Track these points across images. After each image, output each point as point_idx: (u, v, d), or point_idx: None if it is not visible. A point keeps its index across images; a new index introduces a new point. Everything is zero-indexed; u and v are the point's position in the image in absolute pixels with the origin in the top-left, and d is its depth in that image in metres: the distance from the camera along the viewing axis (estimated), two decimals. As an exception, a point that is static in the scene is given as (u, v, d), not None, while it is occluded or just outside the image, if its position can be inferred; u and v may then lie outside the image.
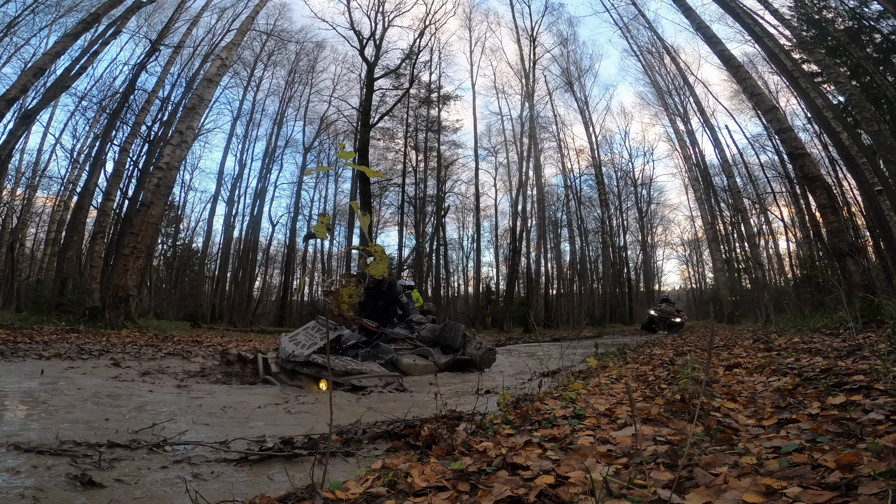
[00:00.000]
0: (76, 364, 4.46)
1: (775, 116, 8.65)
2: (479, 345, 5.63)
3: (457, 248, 28.15)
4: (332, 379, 4.00)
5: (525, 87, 22.88)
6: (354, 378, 4.09)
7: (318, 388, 4.00)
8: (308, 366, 4.16)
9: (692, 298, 30.16)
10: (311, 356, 4.15)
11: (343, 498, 1.24)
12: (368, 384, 4.09)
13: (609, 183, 26.43)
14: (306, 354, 4.16)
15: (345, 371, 4.15)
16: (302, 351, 4.23)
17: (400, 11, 18.74)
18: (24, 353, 4.73)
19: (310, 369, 4.14)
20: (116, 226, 14.71)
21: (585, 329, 18.78)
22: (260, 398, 3.43)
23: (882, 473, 1.01)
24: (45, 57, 9.65)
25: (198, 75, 16.49)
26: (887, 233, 9.13)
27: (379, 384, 4.11)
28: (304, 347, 4.31)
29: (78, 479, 1.49)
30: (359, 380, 4.07)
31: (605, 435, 1.66)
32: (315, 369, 4.12)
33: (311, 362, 4.14)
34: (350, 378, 4.08)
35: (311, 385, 4.06)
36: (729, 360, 3.54)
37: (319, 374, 4.09)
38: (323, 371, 4.09)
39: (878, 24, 11.14)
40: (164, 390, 3.61)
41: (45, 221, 18.93)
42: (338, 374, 4.10)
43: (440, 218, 23.87)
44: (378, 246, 1.19)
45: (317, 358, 4.13)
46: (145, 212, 9.86)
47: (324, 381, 4.03)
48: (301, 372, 4.15)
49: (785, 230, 21.25)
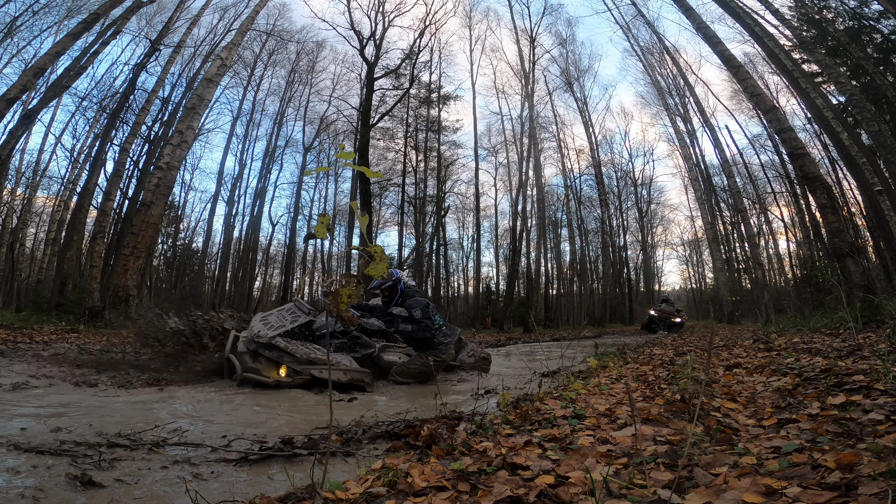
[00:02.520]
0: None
1: (775, 116, 8.65)
2: (471, 352, 5.29)
3: (457, 248, 28.16)
4: (292, 367, 3.75)
5: (525, 87, 22.90)
6: (316, 368, 3.78)
7: (278, 374, 3.75)
8: (270, 349, 3.85)
9: (692, 298, 30.15)
10: (275, 338, 3.86)
11: (343, 498, 1.24)
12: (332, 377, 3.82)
13: (609, 183, 26.43)
14: (270, 336, 3.87)
15: (308, 360, 3.82)
16: (267, 332, 3.93)
17: (400, 11, 18.74)
18: (24, 352, 4.73)
19: (271, 352, 3.83)
20: (116, 226, 14.70)
21: (585, 329, 18.77)
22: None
23: (882, 473, 1.01)
24: (46, 57, 9.66)
25: (198, 75, 16.49)
26: (887, 233, 9.12)
27: (343, 378, 3.80)
28: (272, 329, 4.00)
29: (78, 479, 1.49)
30: (320, 370, 3.78)
31: (605, 435, 1.66)
32: (276, 353, 3.82)
33: (274, 345, 3.84)
34: (311, 368, 3.78)
35: (270, 370, 3.78)
36: (729, 360, 3.54)
37: (281, 358, 3.80)
38: (284, 356, 3.81)
39: (878, 24, 11.14)
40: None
41: (45, 221, 18.93)
42: (300, 362, 3.79)
43: (440, 218, 23.87)
44: (378, 246, 1.19)
45: (279, 341, 3.84)
46: (145, 212, 9.87)
47: (284, 367, 3.77)
48: (262, 354, 3.85)
49: (785, 230, 21.26)
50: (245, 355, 3.89)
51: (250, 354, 3.88)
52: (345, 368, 3.86)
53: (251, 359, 3.84)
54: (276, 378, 3.71)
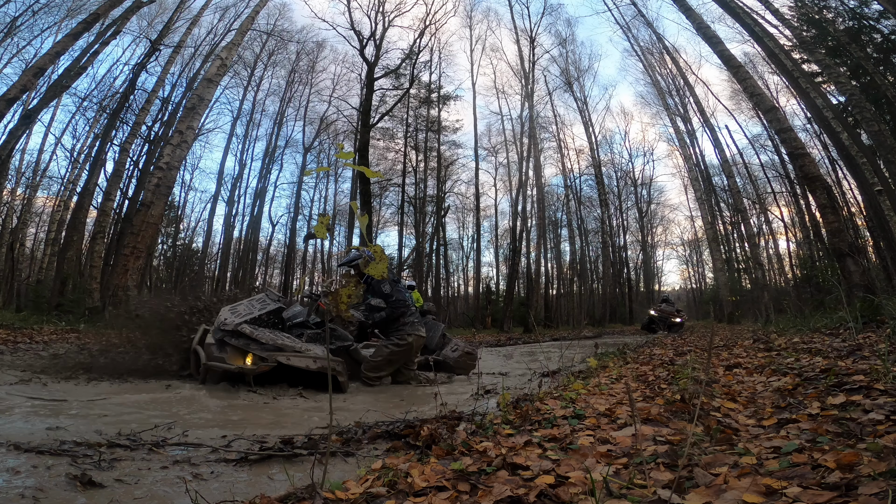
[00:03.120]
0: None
1: (775, 116, 8.65)
2: (455, 347, 5.12)
3: (457, 248, 28.15)
4: (258, 354, 3.58)
5: (525, 87, 22.89)
6: (283, 355, 3.58)
7: (245, 363, 3.57)
8: (236, 336, 3.66)
9: (692, 298, 30.16)
10: (241, 325, 3.68)
11: (343, 498, 1.24)
12: (298, 364, 3.60)
13: (609, 183, 26.41)
14: (236, 323, 3.69)
15: (276, 346, 3.64)
16: (234, 319, 3.76)
17: (400, 11, 18.74)
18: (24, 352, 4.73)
19: (237, 340, 3.64)
20: (116, 226, 14.70)
21: (585, 329, 18.76)
22: None
23: (882, 473, 1.01)
24: (46, 57, 9.66)
25: (198, 75, 16.49)
26: (887, 233, 9.13)
27: (312, 366, 3.61)
28: (239, 317, 3.83)
29: (78, 479, 1.49)
30: (287, 358, 3.58)
31: (605, 435, 1.66)
32: (243, 341, 3.63)
33: (240, 332, 3.66)
34: (278, 355, 3.58)
35: (235, 359, 3.60)
36: (729, 360, 3.54)
37: (247, 346, 3.61)
38: (251, 344, 3.62)
39: (878, 24, 11.14)
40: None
41: (45, 221, 18.92)
42: (267, 349, 3.61)
43: (440, 218, 23.87)
44: (377, 246, 1.19)
45: (245, 328, 3.67)
46: (145, 212, 9.87)
47: (250, 356, 3.58)
48: (229, 343, 3.66)
49: (785, 230, 21.26)
50: (212, 346, 3.70)
51: (217, 345, 3.70)
52: (314, 356, 3.67)
53: (218, 349, 3.66)
54: (240, 366, 3.53)
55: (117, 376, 3.70)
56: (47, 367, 3.90)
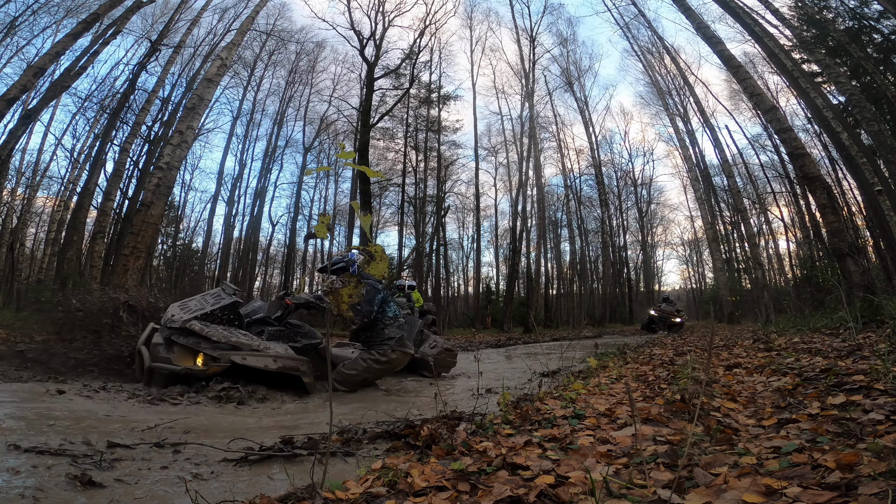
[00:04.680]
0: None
1: (775, 116, 8.65)
2: (434, 343, 4.79)
3: (457, 248, 28.15)
4: (209, 353, 3.25)
5: (525, 87, 22.90)
6: (238, 355, 3.26)
7: (195, 363, 3.26)
8: (184, 334, 3.31)
9: (692, 298, 30.15)
10: (190, 322, 3.32)
11: (343, 498, 1.24)
12: (256, 365, 3.28)
13: (609, 183, 26.40)
14: (185, 319, 3.34)
15: (230, 345, 3.30)
16: (182, 315, 3.41)
17: (400, 11, 18.74)
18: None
19: (186, 339, 3.29)
20: (116, 226, 14.70)
21: (585, 329, 18.76)
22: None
23: (882, 473, 1.01)
24: (46, 57, 9.65)
25: (198, 75, 16.49)
26: (887, 233, 9.13)
27: (272, 366, 3.30)
28: (189, 312, 3.47)
29: (78, 479, 1.49)
30: (243, 357, 3.27)
31: (605, 435, 1.66)
32: (193, 339, 3.29)
33: (189, 330, 3.30)
34: (231, 354, 3.26)
35: (184, 359, 3.27)
36: (729, 360, 3.54)
37: (197, 345, 3.27)
38: (202, 342, 3.27)
39: (879, 24, 11.13)
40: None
41: (45, 221, 18.92)
42: (220, 348, 3.28)
43: (440, 218, 23.86)
44: (378, 245, 1.19)
45: (195, 324, 3.31)
46: (145, 212, 9.86)
47: (201, 356, 3.27)
48: (177, 342, 3.30)
49: (785, 230, 21.26)
50: (159, 346, 3.37)
51: (165, 344, 3.37)
52: (275, 355, 3.35)
53: (165, 349, 3.34)
54: (188, 368, 3.24)
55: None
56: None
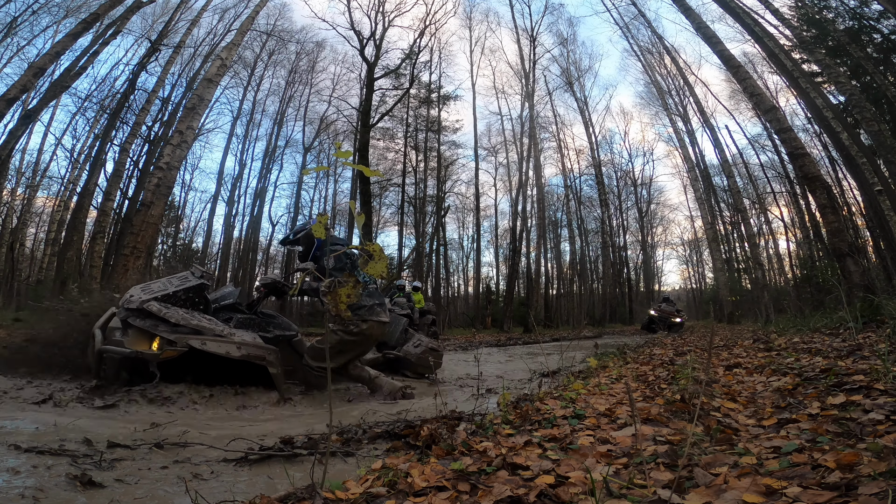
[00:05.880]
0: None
1: (775, 116, 8.65)
2: (418, 342, 4.57)
3: (457, 248, 28.15)
4: (165, 336, 3.00)
5: (525, 87, 22.91)
6: (197, 339, 3.01)
7: (151, 348, 3.01)
8: (141, 315, 3.04)
9: (692, 298, 30.15)
10: (148, 302, 3.06)
11: (343, 498, 1.24)
12: (217, 351, 3.04)
13: (609, 183, 26.42)
14: (143, 300, 3.07)
15: (190, 328, 3.06)
16: (141, 296, 3.13)
17: (400, 11, 18.75)
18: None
19: (143, 321, 3.03)
20: (116, 226, 14.70)
21: (585, 329, 18.77)
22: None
23: (882, 473, 1.01)
24: (46, 57, 9.65)
25: (198, 75, 16.49)
26: (887, 233, 9.12)
27: (234, 354, 3.05)
28: (150, 293, 3.19)
29: (78, 479, 1.49)
30: (202, 342, 3.02)
31: (605, 435, 1.66)
32: (150, 321, 3.03)
33: (146, 311, 3.03)
34: (189, 338, 3.00)
35: (140, 343, 3.01)
36: (729, 360, 3.54)
37: (154, 328, 3.01)
38: (159, 325, 3.01)
39: (878, 24, 11.13)
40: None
41: (45, 221, 18.93)
42: (178, 331, 3.04)
43: (440, 218, 23.85)
44: (376, 244, 1.19)
45: (153, 305, 3.05)
46: (145, 212, 9.86)
47: (157, 340, 3.01)
48: (133, 325, 3.04)
49: (785, 230, 21.26)
50: (115, 330, 3.13)
51: (121, 327, 3.13)
52: (239, 342, 3.12)
53: (121, 333, 3.09)
54: (139, 351, 2.97)
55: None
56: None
